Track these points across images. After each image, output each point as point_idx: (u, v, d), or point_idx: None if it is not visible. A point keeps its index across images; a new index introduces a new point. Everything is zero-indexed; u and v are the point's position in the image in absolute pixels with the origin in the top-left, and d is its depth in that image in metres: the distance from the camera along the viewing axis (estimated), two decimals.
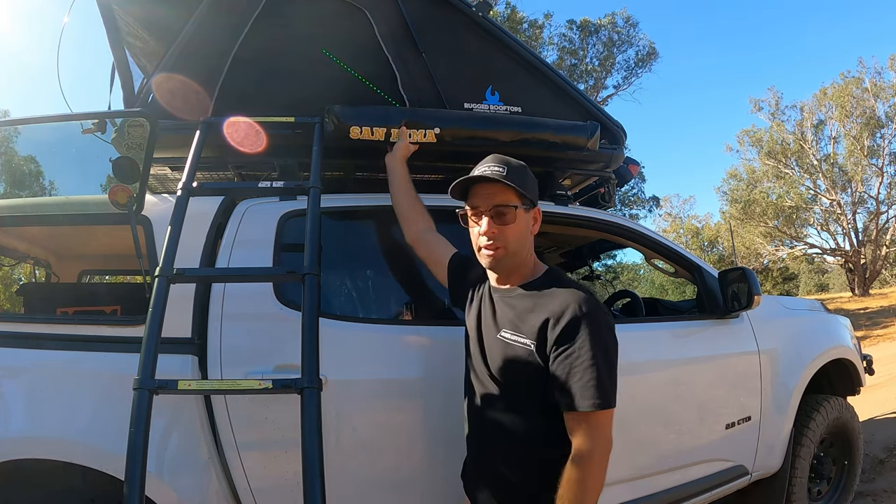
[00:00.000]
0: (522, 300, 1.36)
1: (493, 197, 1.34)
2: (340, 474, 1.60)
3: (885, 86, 21.47)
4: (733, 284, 2.27)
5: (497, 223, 1.33)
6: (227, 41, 1.93)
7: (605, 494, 1.97)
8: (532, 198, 1.38)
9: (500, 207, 1.33)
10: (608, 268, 19.84)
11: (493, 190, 1.34)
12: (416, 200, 1.83)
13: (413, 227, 1.78)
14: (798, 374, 2.50)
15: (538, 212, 1.42)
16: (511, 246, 1.35)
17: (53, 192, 2.01)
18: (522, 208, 1.35)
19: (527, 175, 1.39)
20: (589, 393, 1.19)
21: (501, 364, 1.35)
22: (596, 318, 1.24)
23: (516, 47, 2.20)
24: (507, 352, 1.34)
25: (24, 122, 1.97)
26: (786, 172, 23.21)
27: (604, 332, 1.25)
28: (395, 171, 1.88)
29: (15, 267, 3.37)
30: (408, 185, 1.86)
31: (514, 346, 1.32)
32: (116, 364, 1.58)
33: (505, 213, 1.33)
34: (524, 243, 1.38)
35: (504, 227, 1.33)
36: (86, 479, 1.56)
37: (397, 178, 1.87)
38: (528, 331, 1.30)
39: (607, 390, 1.22)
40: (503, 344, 1.35)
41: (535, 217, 1.41)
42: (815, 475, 2.78)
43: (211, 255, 1.75)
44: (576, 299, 1.26)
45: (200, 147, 1.78)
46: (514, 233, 1.34)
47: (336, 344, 1.66)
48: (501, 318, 1.38)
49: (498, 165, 1.34)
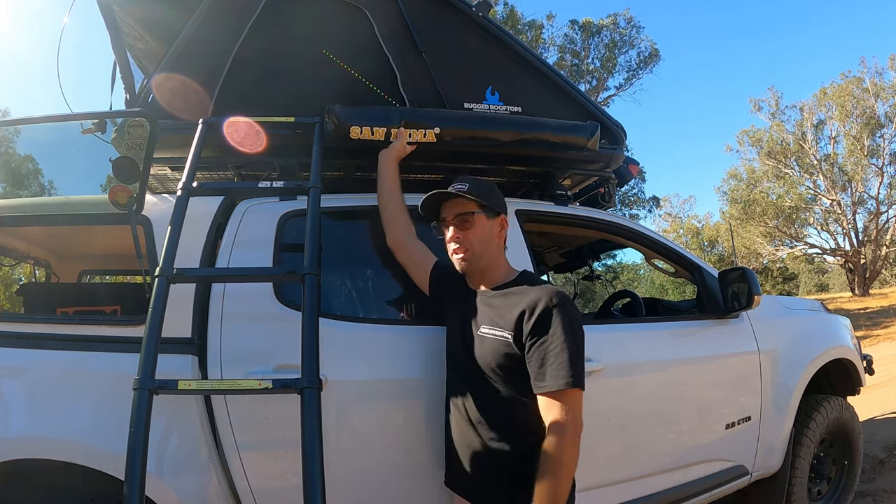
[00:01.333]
0: (498, 299, 1.50)
1: (454, 208, 1.55)
2: (340, 474, 1.60)
3: (886, 86, 21.48)
4: (733, 284, 2.28)
5: (460, 230, 1.53)
6: (228, 41, 1.93)
7: (605, 494, 1.99)
8: (494, 207, 1.55)
9: (462, 215, 1.53)
10: (608, 268, 19.85)
11: (456, 203, 1.55)
12: (402, 205, 1.85)
13: (396, 232, 1.82)
14: (798, 374, 2.50)
15: (504, 220, 1.59)
16: (475, 248, 1.52)
17: (53, 191, 2.01)
18: (483, 215, 1.53)
19: (490, 189, 1.58)
20: (563, 373, 1.32)
21: (484, 358, 1.46)
22: (566, 308, 1.39)
23: (516, 47, 2.20)
24: (488, 346, 1.46)
25: (24, 122, 1.97)
26: (786, 172, 23.21)
27: (573, 321, 1.39)
28: (386, 172, 1.89)
29: (15, 267, 3.36)
30: (396, 188, 1.87)
31: (493, 339, 1.45)
32: (116, 364, 1.58)
33: (466, 220, 1.52)
34: (488, 247, 1.54)
35: (466, 231, 1.53)
36: (86, 479, 1.56)
37: (386, 180, 1.88)
38: (505, 325, 1.43)
39: (578, 371, 1.34)
40: (483, 339, 1.48)
41: (502, 224, 1.58)
42: (815, 475, 2.78)
43: (211, 255, 1.75)
44: (547, 293, 1.41)
45: (200, 147, 1.77)
46: (476, 236, 1.52)
47: (336, 344, 1.66)
48: (481, 317, 1.51)
49: (461, 183, 1.54)
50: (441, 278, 1.72)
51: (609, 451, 1.98)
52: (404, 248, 1.80)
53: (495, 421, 1.44)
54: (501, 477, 1.43)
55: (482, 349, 1.47)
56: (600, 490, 1.96)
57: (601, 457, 1.93)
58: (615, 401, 1.97)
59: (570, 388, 1.31)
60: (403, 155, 1.94)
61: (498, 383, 1.44)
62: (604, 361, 1.89)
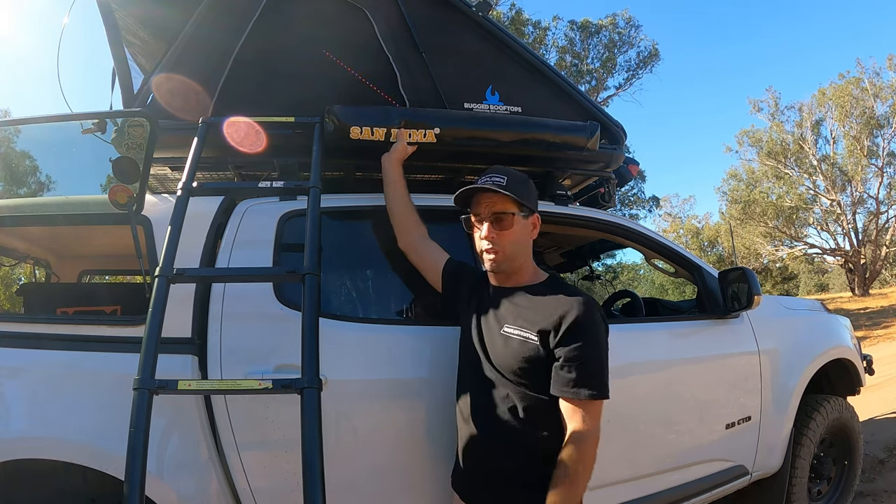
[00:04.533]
0: (526, 299, 1.46)
1: (493, 205, 1.47)
2: (341, 474, 1.60)
3: (885, 86, 21.48)
4: (733, 284, 2.28)
5: (496, 228, 1.46)
6: (228, 41, 1.93)
7: (605, 494, 1.99)
8: (530, 206, 1.50)
9: (499, 214, 1.46)
10: (608, 268, 19.83)
11: (494, 199, 1.47)
12: (410, 206, 1.83)
13: (407, 234, 1.80)
14: (798, 374, 2.50)
15: (537, 218, 1.54)
16: (509, 249, 1.47)
17: (53, 191, 2.01)
18: (520, 215, 1.47)
19: (526, 184, 1.52)
20: (591, 383, 1.33)
21: (506, 358, 1.43)
22: (597, 320, 1.39)
23: (516, 47, 2.20)
24: (511, 346, 1.42)
25: (25, 122, 1.97)
26: (785, 173, 23.21)
27: (602, 334, 1.40)
28: (391, 174, 1.87)
29: (15, 267, 3.36)
30: (403, 190, 1.85)
31: (517, 339, 1.41)
32: (116, 364, 1.58)
33: (503, 219, 1.46)
34: (522, 248, 1.50)
35: (502, 231, 1.46)
36: (86, 479, 1.56)
37: (392, 182, 1.86)
38: (532, 327, 1.39)
39: (605, 382, 1.36)
40: (506, 339, 1.44)
41: (534, 223, 1.54)
42: (815, 475, 2.78)
43: (211, 255, 1.74)
44: (583, 303, 1.38)
45: (200, 147, 1.77)
46: (512, 237, 1.47)
47: (336, 344, 1.66)
48: (504, 315, 1.46)
49: (499, 176, 1.46)
50: (455, 277, 1.69)
51: (609, 451, 1.95)
52: (416, 251, 1.79)
53: (508, 422, 1.41)
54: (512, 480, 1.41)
55: (505, 348, 1.43)
56: (600, 490, 1.95)
57: (601, 457, 1.90)
58: (615, 401, 1.94)
59: (598, 398, 1.33)
60: (406, 156, 1.92)
61: (515, 383, 1.41)
62: None
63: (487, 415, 1.45)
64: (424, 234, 1.80)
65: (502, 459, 1.42)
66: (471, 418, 1.49)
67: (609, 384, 1.37)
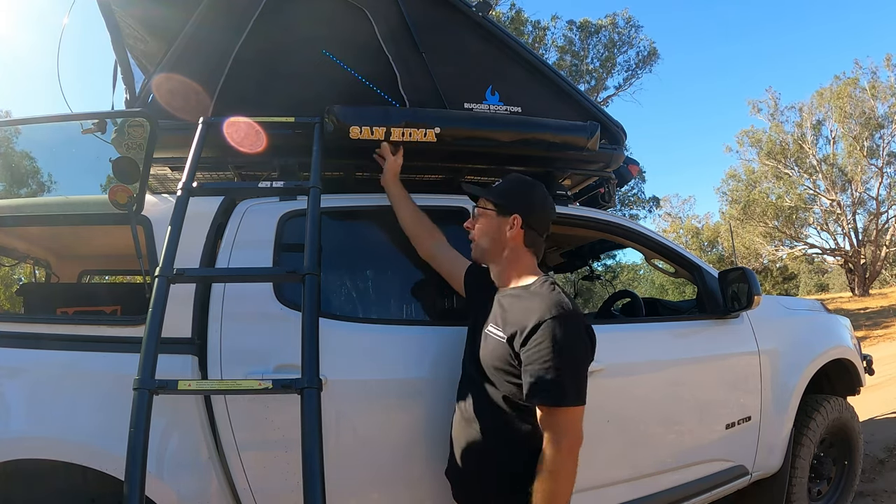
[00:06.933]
0: (508, 300, 1.50)
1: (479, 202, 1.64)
2: (340, 474, 1.60)
3: (884, 86, 21.47)
4: (733, 284, 2.28)
5: (474, 220, 1.63)
6: (228, 41, 1.93)
7: (605, 494, 1.99)
8: (507, 206, 1.54)
9: (477, 209, 1.63)
10: (608, 268, 19.82)
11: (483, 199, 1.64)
12: (420, 217, 1.87)
13: (425, 245, 1.84)
14: (798, 374, 2.50)
15: (516, 220, 1.53)
16: (478, 240, 1.59)
17: (53, 191, 2.01)
18: (493, 212, 1.56)
19: (513, 187, 1.59)
20: (549, 390, 1.29)
21: (485, 357, 1.48)
22: (563, 322, 1.32)
23: (516, 47, 2.20)
24: (490, 345, 1.47)
25: (25, 122, 1.97)
26: (785, 173, 23.21)
27: (569, 336, 1.32)
28: (393, 192, 1.90)
29: (15, 267, 3.36)
30: (409, 204, 1.88)
31: (494, 339, 1.45)
32: (116, 364, 1.58)
33: (481, 213, 1.61)
34: (492, 243, 1.56)
35: (475, 221, 1.62)
36: (86, 479, 1.56)
37: (397, 199, 1.89)
38: (506, 329, 1.42)
39: (566, 389, 1.29)
40: (486, 337, 1.50)
41: (512, 224, 1.53)
42: (815, 475, 2.78)
43: (211, 255, 1.75)
44: (546, 305, 1.35)
45: (200, 147, 1.77)
46: (483, 228, 1.58)
47: (336, 344, 1.66)
48: (492, 315, 1.51)
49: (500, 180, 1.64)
50: (474, 281, 1.73)
51: (609, 451, 1.98)
52: (435, 259, 1.83)
53: (489, 421, 1.44)
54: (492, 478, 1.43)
55: (485, 347, 1.48)
56: (600, 490, 1.96)
57: (601, 457, 1.93)
58: (615, 401, 1.97)
59: (560, 406, 1.28)
60: (398, 169, 1.94)
61: (496, 383, 1.44)
62: (604, 361, 1.89)
63: (468, 412, 1.49)
64: (442, 242, 1.83)
65: (478, 456, 1.46)
66: (458, 415, 1.55)
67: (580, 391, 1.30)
